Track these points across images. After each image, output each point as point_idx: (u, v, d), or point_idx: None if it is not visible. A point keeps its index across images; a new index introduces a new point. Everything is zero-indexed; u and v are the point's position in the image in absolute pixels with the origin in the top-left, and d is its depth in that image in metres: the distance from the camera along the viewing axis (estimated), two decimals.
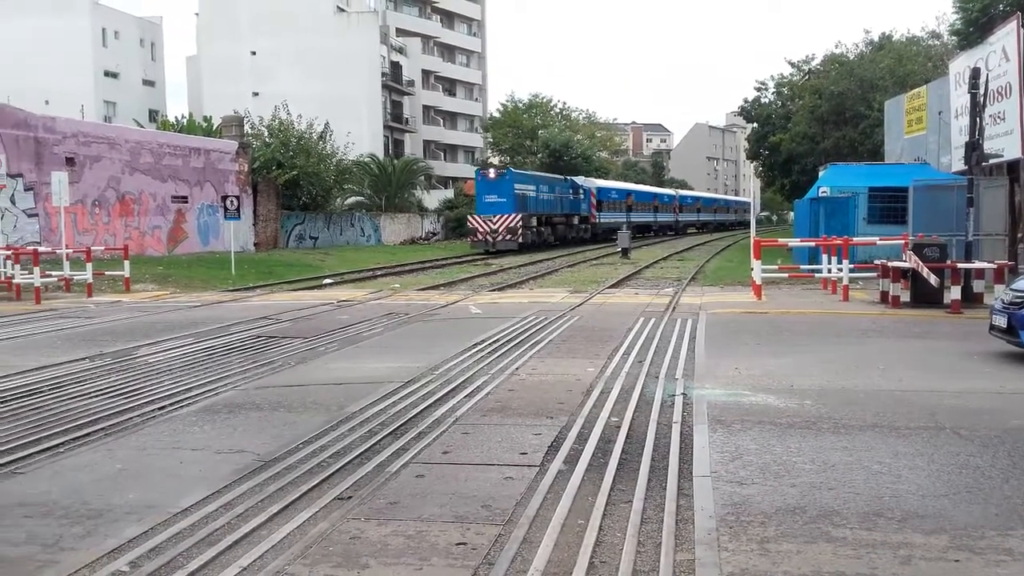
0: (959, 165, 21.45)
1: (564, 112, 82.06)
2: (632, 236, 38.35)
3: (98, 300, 18.10)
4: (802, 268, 19.72)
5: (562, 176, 50.85)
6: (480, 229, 39.36)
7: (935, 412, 6.95)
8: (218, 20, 64.14)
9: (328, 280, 24.02)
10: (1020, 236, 19.39)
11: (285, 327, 12.98)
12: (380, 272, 27.41)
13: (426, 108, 76.96)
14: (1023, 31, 19.61)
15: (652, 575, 3.95)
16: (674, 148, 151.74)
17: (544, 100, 79.41)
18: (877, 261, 15.97)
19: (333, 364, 9.74)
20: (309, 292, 20.06)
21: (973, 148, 15.55)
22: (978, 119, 15.63)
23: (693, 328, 12.12)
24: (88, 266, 19.40)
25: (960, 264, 14.44)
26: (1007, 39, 20.45)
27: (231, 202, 27.99)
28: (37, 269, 18.21)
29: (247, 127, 41.44)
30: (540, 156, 68.02)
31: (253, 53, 63.14)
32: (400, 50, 72.12)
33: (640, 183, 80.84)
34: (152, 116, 61.64)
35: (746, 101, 60.35)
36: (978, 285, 14.54)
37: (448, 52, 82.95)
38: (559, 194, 46.39)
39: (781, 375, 8.53)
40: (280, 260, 31.29)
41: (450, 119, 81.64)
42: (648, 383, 8.28)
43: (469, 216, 41.74)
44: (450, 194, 61.42)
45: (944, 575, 3.91)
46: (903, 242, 15.82)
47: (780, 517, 4.58)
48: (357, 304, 16.44)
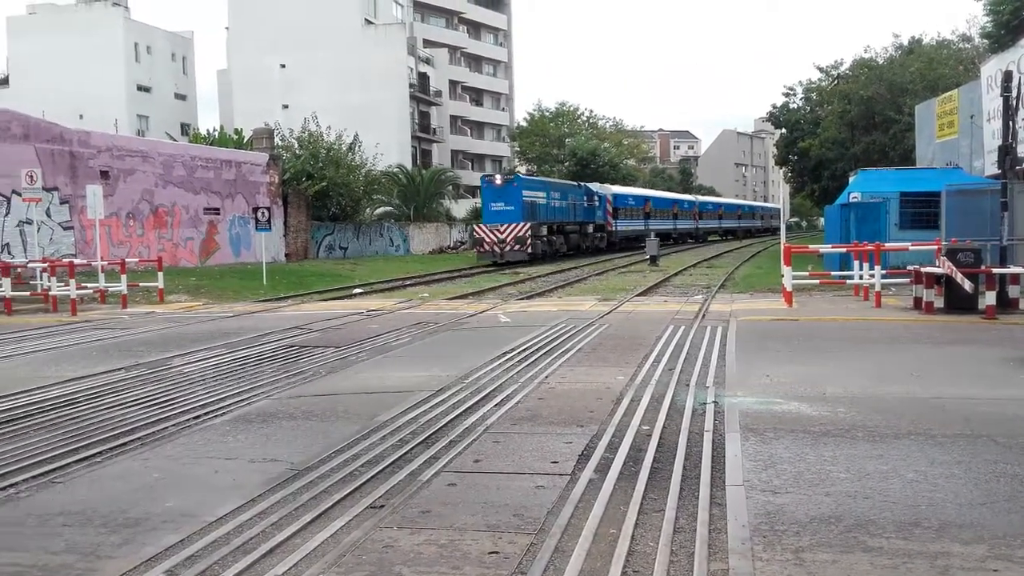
0: (992, 169, 21.20)
1: (591, 120, 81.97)
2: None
3: (133, 311, 18.35)
4: (833, 274, 19.55)
5: (575, 182, 48.59)
6: (487, 239, 37.15)
7: (971, 419, 6.86)
8: (248, 34, 65.04)
9: (358, 290, 24.18)
10: None
11: (316, 337, 13.09)
12: (409, 282, 27.53)
13: (453, 118, 77.36)
14: None
15: None
16: (702, 155, 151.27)
17: (571, 108, 79.38)
18: (910, 267, 15.79)
19: (364, 373, 9.79)
20: (339, 302, 20.20)
21: (1006, 152, 15.35)
22: (1011, 122, 15.44)
23: (724, 335, 12.04)
24: (123, 278, 19.67)
25: (995, 269, 14.23)
26: None
27: (262, 213, 28.38)
28: (73, 281, 18.50)
29: (277, 139, 41.87)
30: (567, 165, 67.95)
31: (283, 66, 63.93)
32: (427, 61, 72.60)
33: (668, 190, 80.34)
34: (184, 129, 62.61)
35: (774, 107, 60.14)
36: (1013, 290, 14.31)
37: (475, 62, 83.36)
38: (572, 201, 44.08)
39: (813, 383, 8.45)
40: (311, 270, 31.55)
41: (477, 129, 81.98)
42: (679, 391, 8.25)
43: (475, 226, 39.92)
44: (478, 203, 61.60)
45: None
46: (936, 247, 15.63)
47: (815, 526, 4.54)
48: (387, 313, 16.52)
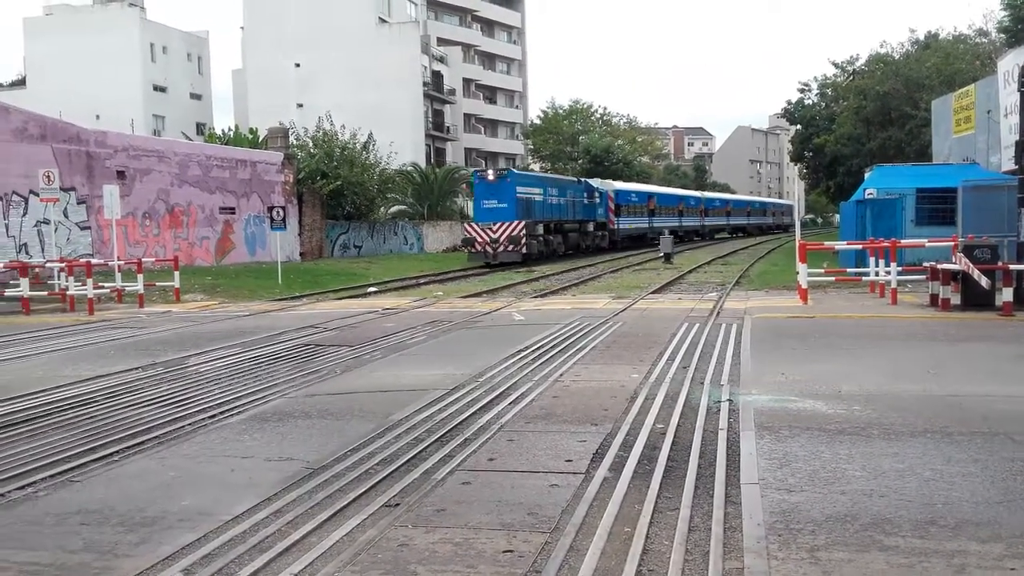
0: (1009, 164, 20.99)
1: (605, 117, 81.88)
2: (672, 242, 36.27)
3: (149, 310, 18.46)
4: (849, 271, 19.44)
5: (575, 178, 46.69)
6: (478, 239, 34.66)
7: (988, 417, 6.81)
8: (263, 34, 65.35)
9: (372, 288, 24.24)
10: None
11: (331, 335, 13.13)
12: (423, 280, 27.57)
13: (467, 116, 77.41)
14: None
15: None
16: (716, 151, 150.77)
17: (584, 106, 79.36)
18: (926, 263, 15.69)
19: (378, 372, 9.81)
20: (354, 300, 20.25)
21: (1023, 147, 15.22)
22: None
23: (738, 333, 12.01)
24: (139, 277, 19.79)
25: (1012, 266, 14.10)
26: None
27: (277, 212, 28.48)
28: (90, 281, 18.63)
29: (292, 138, 42.01)
30: (581, 162, 67.87)
31: (297, 65, 64.16)
32: (441, 59, 72.68)
33: (682, 187, 79.96)
34: (199, 129, 62.95)
35: (789, 103, 59.86)
36: None
37: (488, 60, 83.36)
38: (571, 198, 41.85)
39: (828, 380, 8.41)
40: (325, 269, 31.65)
41: (491, 127, 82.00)
42: (693, 389, 8.23)
43: (465, 225, 38.02)
44: None
45: None
46: (952, 244, 15.52)
47: (830, 525, 4.52)
48: (401, 312, 16.56)
